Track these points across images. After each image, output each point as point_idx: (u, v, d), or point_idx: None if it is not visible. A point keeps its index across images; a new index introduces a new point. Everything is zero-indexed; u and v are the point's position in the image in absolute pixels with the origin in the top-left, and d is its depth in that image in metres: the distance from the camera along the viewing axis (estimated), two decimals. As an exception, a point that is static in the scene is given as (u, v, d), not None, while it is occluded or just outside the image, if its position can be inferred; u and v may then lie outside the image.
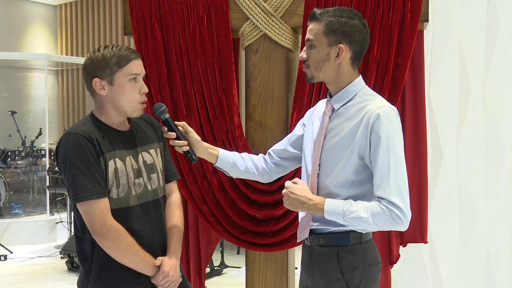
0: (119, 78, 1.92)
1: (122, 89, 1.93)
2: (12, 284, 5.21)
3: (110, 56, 1.91)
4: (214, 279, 5.20)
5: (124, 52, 1.92)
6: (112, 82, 1.92)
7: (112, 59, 1.91)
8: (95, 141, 1.89)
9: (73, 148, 1.86)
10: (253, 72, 2.76)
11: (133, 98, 1.95)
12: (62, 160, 1.89)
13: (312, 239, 1.99)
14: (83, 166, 1.85)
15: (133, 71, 1.93)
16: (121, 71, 1.91)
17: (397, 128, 1.87)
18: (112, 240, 1.86)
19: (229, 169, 2.20)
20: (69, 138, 1.88)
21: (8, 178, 7.14)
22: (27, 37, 8.68)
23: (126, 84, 1.93)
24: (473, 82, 3.10)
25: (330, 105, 1.99)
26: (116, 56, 1.91)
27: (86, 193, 1.85)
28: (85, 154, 1.86)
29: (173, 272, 1.97)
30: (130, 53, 1.93)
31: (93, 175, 1.86)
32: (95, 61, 1.92)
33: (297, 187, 1.94)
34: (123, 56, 1.91)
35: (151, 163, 2.03)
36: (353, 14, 1.92)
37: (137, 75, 1.94)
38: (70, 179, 1.86)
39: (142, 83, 1.97)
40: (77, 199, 1.86)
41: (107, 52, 1.92)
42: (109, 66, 1.91)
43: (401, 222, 1.80)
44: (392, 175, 1.81)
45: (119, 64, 1.91)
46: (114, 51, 1.92)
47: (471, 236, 3.15)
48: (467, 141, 3.12)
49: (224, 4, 2.72)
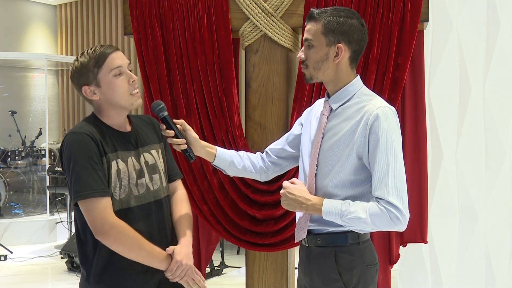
0: (103, 77, 1.91)
1: (111, 86, 1.91)
2: (12, 284, 5.21)
3: (87, 60, 1.90)
4: (214, 279, 5.20)
5: (98, 51, 1.91)
6: (98, 83, 1.91)
7: (90, 63, 1.90)
8: (99, 142, 1.89)
9: (78, 146, 1.86)
10: (253, 72, 2.76)
11: (124, 90, 1.93)
12: (66, 158, 1.88)
13: (309, 239, 1.99)
14: (87, 164, 1.84)
15: (113, 65, 1.91)
16: (102, 70, 1.90)
17: (396, 129, 1.87)
18: (115, 238, 1.85)
19: (226, 167, 2.20)
20: (73, 137, 1.88)
21: (8, 178, 7.14)
22: (27, 37, 8.67)
23: (112, 80, 1.91)
24: (473, 82, 3.10)
25: (328, 105, 1.98)
26: (92, 58, 1.90)
27: (89, 191, 1.83)
28: (89, 152, 1.85)
29: (186, 260, 1.94)
30: (105, 49, 1.91)
31: (97, 174, 1.85)
32: (77, 71, 1.93)
33: (295, 187, 1.93)
34: (98, 55, 1.90)
35: (153, 164, 2.03)
36: (351, 13, 1.92)
37: (119, 68, 1.92)
38: (74, 177, 1.85)
39: (129, 73, 1.94)
40: (80, 196, 1.84)
41: (83, 59, 1.91)
42: (90, 70, 1.90)
43: (399, 222, 1.80)
44: (390, 176, 1.81)
45: (98, 64, 1.90)
46: (90, 54, 1.91)
47: (471, 236, 3.15)
48: (467, 141, 3.12)
49: (224, 4, 2.72)
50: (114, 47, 1.95)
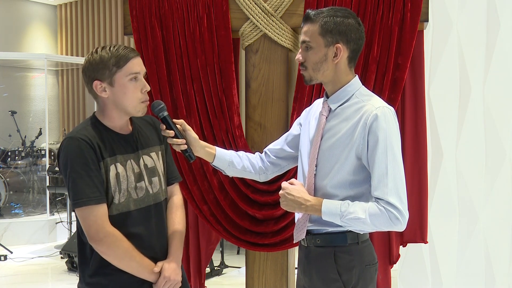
0: (119, 78, 1.88)
1: (124, 89, 1.89)
2: (12, 284, 5.21)
3: (108, 57, 1.87)
4: (214, 279, 5.20)
5: (122, 52, 1.88)
6: (112, 83, 1.89)
7: (110, 60, 1.87)
8: (96, 146, 1.87)
9: (74, 152, 1.85)
10: (253, 72, 2.76)
11: (135, 97, 1.91)
12: (62, 164, 1.88)
13: (308, 239, 1.99)
14: (82, 171, 1.83)
15: (132, 70, 1.89)
16: (120, 71, 1.87)
17: (395, 129, 1.87)
18: (108, 246, 1.85)
19: (226, 168, 2.20)
20: (70, 142, 1.87)
21: (8, 178, 7.15)
22: (27, 37, 8.68)
23: (127, 84, 1.89)
24: (473, 82, 3.10)
25: (327, 105, 1.98)
26: (114, 56, 1.87)
27: (85, 199, 1.83)
28: (85, 159, 1.84)
29: (174, 276, 1.96)
30: (129, 52, 1.89)
31: (92, 181, 1.84)
32: (93, 63, 1.88)
33: (294, 187, 1.93)
34: (121, 55, 1.87)
35: (152, 167, 2.02)
36: (348, 13, 1.92)
37: (137, 74, 1.90)
38: (70, 184, 1.85)
39: (144, 82, 1.93)
40: (75, 204, 1.85)
41: (104, 53, 1.87)
42: (108, 67, 1.87)
43: (399, 222, 1.80)
44: (390, 176, 1.81)
45: (118, 64, 1.87)
46: (112, 51, 1.87)
47: (471, 236, 3.15)
48: (467, 141, 3.12)
49: (224, 4, 2.72)
50: (137, 52, 1.93)
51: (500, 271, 3.16)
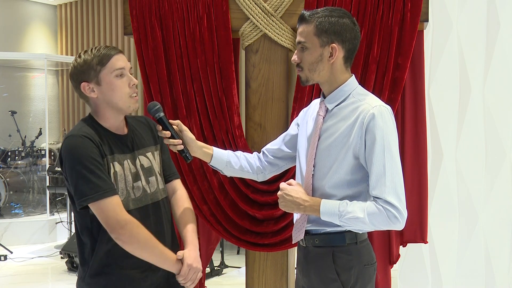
0: (105, 76, 1.91)
1: (111, 86, 1.92)
2: (12, 284, 5.21)
3: (91, 58, 1.91)
4: (214, 279, 5.20)
5: (103, 51, 1.92)
6: (99, 82, 1.92)
7: (93, 60, 1.91)
8: (98, 143, 1.89)
9: (80, 148, 1.85)
10: (253, 72, 2.76)
11: (124, 92, 1.94)
12: (68, 161, 1.87)
13: (307, 240, 1.99)
14: (92, 166, 1.84)
15: (116, 66, 1.92)
16: (105, 69, 1.91)
17: (392, 127, 1.87)
18: (131, 234, 1.85)
19: (223, 168, 2.20)
20: (73, 140, 1.87)
21: (8, 178, 7.15)
22: (27, 37, 8.67)
23: (113, 81, 1.92)
24: (473, 82, 3.10)
25: (324, 105, 1.99)
26: (96, 56, 1.91)
27: (100, 192, 1.83)
28: (93, 153, 1.85)
29: (196, 263, 1.97)
30: (110, 50, 1.93)
31: (103, 173, 1.86)
32: (78, 67, 1.93)
33: (292, 188, 1.94)
34: (103, 54, 1.92)
35: (148, 166, 2.03)
36: (342, 13, 1.92)
37: (122, 69, 1.93)
38: (81, 181, 1.84)
39: (130, 76, 1.96)
40: (90, 199, 1.83)
41: (87, 56, 1.93)
42: (92, 67, 1.91)
43: (397, 221, 1.81)
44: (388, 175, 1.81)
45: (102, 63, 1.91)
46: (94, 52, 1.92)
47: (471, 236, 3.15)
48: (467, 141, 3.12)
49: (224, 4, 2.73)
50: (118, 50, 1.96)
51: (500, 271, 3.16)
